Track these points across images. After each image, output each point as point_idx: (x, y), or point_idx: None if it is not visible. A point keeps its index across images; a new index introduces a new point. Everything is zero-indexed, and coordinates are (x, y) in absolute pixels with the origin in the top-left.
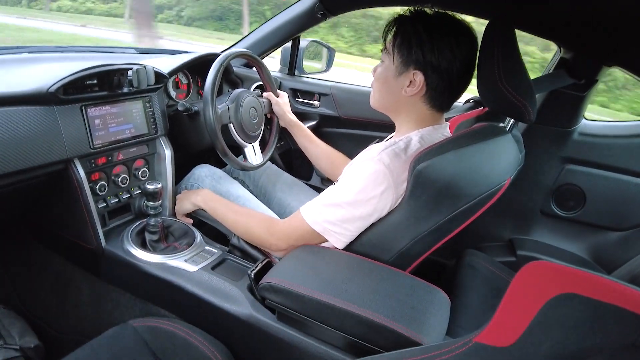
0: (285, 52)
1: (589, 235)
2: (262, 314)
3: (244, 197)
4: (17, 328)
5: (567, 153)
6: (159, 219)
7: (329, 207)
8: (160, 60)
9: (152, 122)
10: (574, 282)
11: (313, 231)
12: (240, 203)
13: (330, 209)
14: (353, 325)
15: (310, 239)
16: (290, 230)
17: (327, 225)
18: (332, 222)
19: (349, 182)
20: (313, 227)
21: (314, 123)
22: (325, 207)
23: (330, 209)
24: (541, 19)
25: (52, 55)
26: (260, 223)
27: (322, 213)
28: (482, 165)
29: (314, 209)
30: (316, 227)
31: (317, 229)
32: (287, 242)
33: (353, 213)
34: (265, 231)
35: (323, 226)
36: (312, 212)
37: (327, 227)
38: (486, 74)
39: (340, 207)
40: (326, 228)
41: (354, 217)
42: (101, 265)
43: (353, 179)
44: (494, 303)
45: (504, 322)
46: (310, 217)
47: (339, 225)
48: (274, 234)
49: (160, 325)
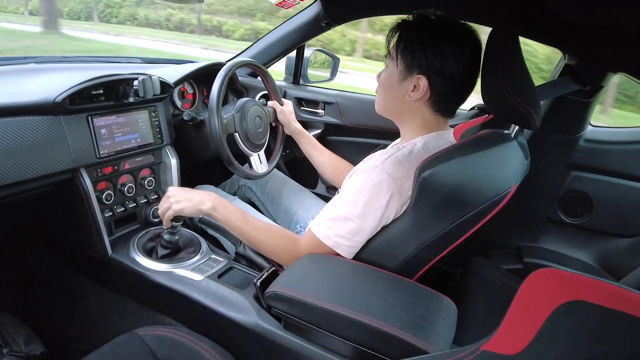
0: (289, 62)
1: (596, 242)
2: (269, 323)
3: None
4: (23, 336)
5: (573, 160)
6: (175, 237)
7: (338, 220)
8: (165, 70)
9: (158, 132)
10: (581, 290)
11: (325, 246)
12: None
13: (339, 222)
14: (360, 334)
15: (322, 252)
16: (309, 250)
17: (338, 239)
18: (342, 235)
19: (354, 194)
20: (324, 242)
21: (319, 131)
22: (334, 221)
23: (339, 223)
24: (545, 26)
25: (58, 66)
26: (284, 244)
27: (332, 227)
28: (487, 172)
29: (322, 223)
30: (327, 241)
31: (328, 244)
32: None
33: (362, 225)
34: (288, 253)
35: (334, 240)
36: (322, 227)
37: (338, 241)
38: (490, 81)
39: (348, 219)
40: (337, 242)
41: (364, 229)
42: (108, 274)
43: (358, 190)
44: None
45: (512, 330)
46: (321, 232)
47: (350, 238)
48: (295, 257)
49: (166, 334)
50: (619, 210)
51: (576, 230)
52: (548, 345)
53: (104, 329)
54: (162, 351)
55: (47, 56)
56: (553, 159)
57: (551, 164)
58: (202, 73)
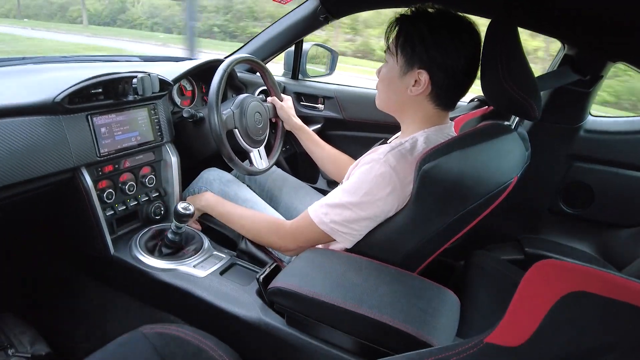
0: (288, 57)
1: (598, 232)
2: (272, 319)
3: (252, 200)
4: (28, 336)
5: (573, 150)
6: (178, 238)
7: (336, 207)
8: (164, 67)
9: (158, 129)
10: (584, 280)
11: (320, 231)
12: (248, 206)
13: (336, 209)
14: (363, 328)
15: (317, 239)
16: (299, 231)
17: (334, 225)
18: (338, 222)
19: (356, 184)
20: (320, 227)
21: (319, 126)
22: (332, 208)
23: (337, 210)
24: (545, 16)
25: (56, 66)
26: (268, 225)
27: (329, 214)
28: (488, 164)
29: (321, 209)
30: (323, 227)
31: (324, 229)
32: (295, 243)
33: (359, 214)
34: (273, 233)
35: (330, 226)
36: (319, 213)
37: (334, 227)
38: (490, 73)
39: (346, 208)
40: (333, 228)
41: (360, 218)
42: (110, 273)
43: (359, 181)
44: (503, 303)
45: (515, 322)
46: (317, 217)
47: (346, 225)
48: (281, 236)
49: (170, 332)
50: (620, 200)
51: (577, 220)
52: (551, 336)
53: (108, 328)
54: (166, 349)
55: (45, 56)
56: (554, 150)
57: (552, 155)
58: (201, 70)
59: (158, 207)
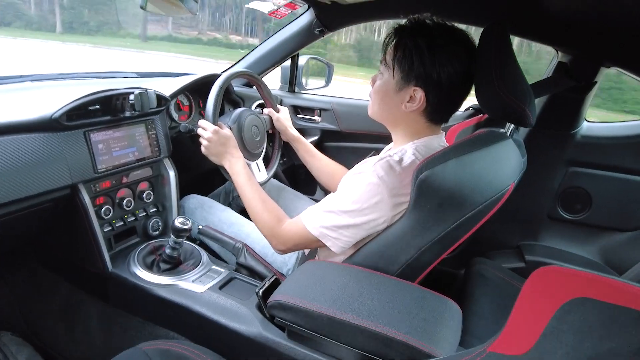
0: (284, 70)
1: (597, 237)
2: (272, 333)
3: (238, 223)
4: (25, 354)
5: (570, 156)
6: (176, 254)
7: (327, 213)
8: (161, 83)
9: (155, 145)
10: (585, 286)
11: (311, 235)
12: (236, 230)
13: (327, 215)
14: (365, 340)
15: (308, 243)
16: (290, 234)
17: (323, 230)
18: (328, 227)
19: (346, 192)
20: (311, 231)
21: (316, 138)
22: (323, 213)
23: (328, 215)
24: (538, 24)
25: (54, 83)
26: (269, 217)
27: (320, 219)
28: (484, 171)
29: (313, 214)
30: (314, 231)
31: (314, 233)
32: (286, 245)
33: (348, 221)
34: (269, 230)
35: (320, 231)
36: (311, 218)
37: (323, 231)
38: (484, 81)
39: (336, 214)
40: (322, 232)
41: (349, 225)
42: (109, 290)
43: (349, 190)
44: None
45: (517, 330)
46: (309, 222)
47: (335, 230)
48: (275, 234)
49: (170, 348)
50: (618, 205)
51: (576, 226)
52: (554, 343)
53: (107, 345)
54: None
55: (42, 74)
56: (550, 156)
57: (548, 161)
58: (198, 85)
59: (156, 222)
